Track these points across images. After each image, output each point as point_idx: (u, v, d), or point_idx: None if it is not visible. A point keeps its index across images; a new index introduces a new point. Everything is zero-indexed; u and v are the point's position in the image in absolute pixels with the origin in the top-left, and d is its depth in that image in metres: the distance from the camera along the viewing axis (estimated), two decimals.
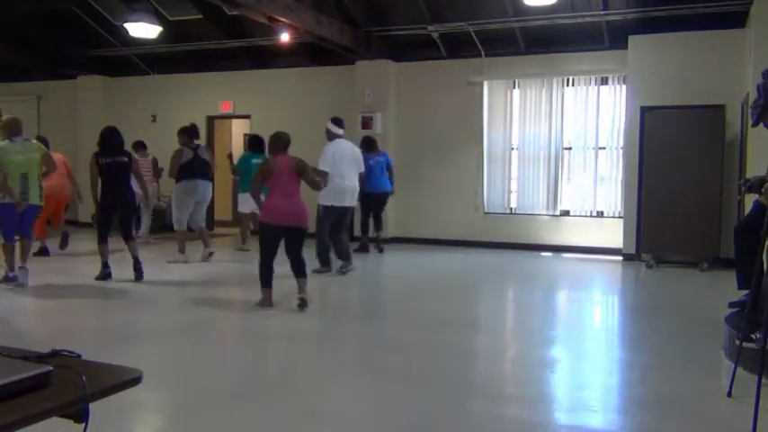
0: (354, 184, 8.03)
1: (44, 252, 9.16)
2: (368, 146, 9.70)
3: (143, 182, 8.65)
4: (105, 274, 7.38)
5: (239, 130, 13.93)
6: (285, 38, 10.15)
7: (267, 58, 12.28)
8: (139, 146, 10.81)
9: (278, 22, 9.23)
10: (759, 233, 3.90)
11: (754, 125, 4.48)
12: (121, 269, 7.52)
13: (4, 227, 6.83)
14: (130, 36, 10.58)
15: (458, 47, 10.89)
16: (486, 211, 10.99)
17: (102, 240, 7.37)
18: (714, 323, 5.09)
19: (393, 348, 5.16)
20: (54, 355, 1.60)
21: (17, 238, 6.94)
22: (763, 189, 4.31)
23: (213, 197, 10.01)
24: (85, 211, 11.94)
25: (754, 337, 4.01)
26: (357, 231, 10.24)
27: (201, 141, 10.72)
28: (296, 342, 5.26)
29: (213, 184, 9.60)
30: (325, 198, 7.72)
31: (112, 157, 7.27)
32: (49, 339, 4.70)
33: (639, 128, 9.33)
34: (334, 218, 7.90)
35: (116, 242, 7.84)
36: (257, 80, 12.46)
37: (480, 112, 10.92)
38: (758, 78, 4.41)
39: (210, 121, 13.03)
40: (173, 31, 11.55)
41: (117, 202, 7.41)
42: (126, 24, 10.16)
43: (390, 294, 7.13)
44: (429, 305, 6.96)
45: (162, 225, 12.46)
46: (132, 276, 7.38)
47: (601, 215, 10.35)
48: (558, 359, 4.94)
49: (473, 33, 10.31)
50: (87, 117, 13.31)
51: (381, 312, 6.00)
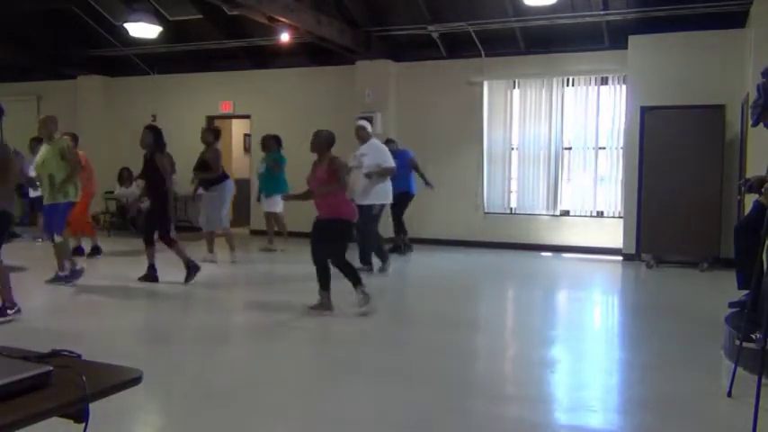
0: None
1: (96, 251, 9.25)
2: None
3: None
4: (153, 277, 7.36)
5: (239, 130, 13.94)
6: (285, 38, 10.15)
7: (267, 58, 12.28)
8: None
9: (278, 22, 9.23)
10: (759, 233, 3.90)
11: (754, 125, 4.49)
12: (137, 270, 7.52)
13: (56, 226, 6.89)
14: (130, 36, 10.58)
15: (458, 47, 10.89)
16: (486, 211, 10.99)
17: (153, 242, 7.38)
18: (714, 323, 5.09)
19: (393, 348, 5.16)
20: (54, 355, 1.60)
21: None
22: (763, 189, 4.31)
23: None
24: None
25: (754, 337, 4.01)
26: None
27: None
28: (292, 342, 5.25)
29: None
30: (380, 197, 7.95)
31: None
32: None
33: (639, 128, 9.33)
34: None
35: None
36: (257, 80, 12.46)
37: (480, 112, 10.92)
38: (758, 78, 4.42)
39: (210, 121, 13.02)
40: (173, 31, 11.55)
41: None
42: (126, 24, 10.16)
43: (390, 294, 7.12)
44: (429, 305, 6.97)
45: None
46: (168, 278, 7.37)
47: (601, 215, 10.35)
48: (558, 359, 4.94)
49: (473, 33, 10.31)
50: (87, 117, 13.32)
51: (381, 312, 5.99)
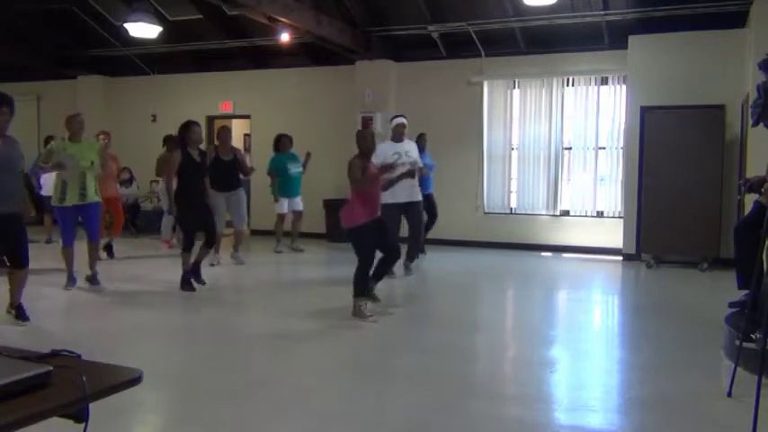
0: None
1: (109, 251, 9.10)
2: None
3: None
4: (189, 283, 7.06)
5: (239, 130, 13.93)
6: (285, 38, 10.15)
7: (267, 58, 12.28)
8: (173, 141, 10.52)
9: (278, 22, 9.24)
10: (759, 233, 3.90)
11: (755, 125, 4.48)
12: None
13: (63, 230, 6.73)
14: (130, 36, 10.58)
15: (458, 47, 10.89)
16: (486, 211, 10.99)
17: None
18: (714, 323, 5.09)
19: (393, 348, 5.16)
20: (54, 355, 1.60)
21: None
22: (763, 189, 4.31)
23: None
24: None
25: (754, 337, 4.01)
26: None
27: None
28: (294, 342, 5.25)
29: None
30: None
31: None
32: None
33: (639, 128, 9.33)
34: None
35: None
36: (257, 80, 12.46)
37: (480, 112, 10.92)
38: (758, 78, 4.41)
39: (210, 121, 13.02)
40: (173, 31, 11.55)
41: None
42: (126, 24, 10.16)
43: (390, 294, 7.12)
44: (429, 305, 6.97)
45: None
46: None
47: (601, 215, 10.35)
48: (558, 359, 4.94)
49: (473, 33, 10.31)
50: (87, 117, 13.16)
51: (379, 312, 5.99)
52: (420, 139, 9.30)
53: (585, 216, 10.41)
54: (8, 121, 5.05)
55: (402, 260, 7.92)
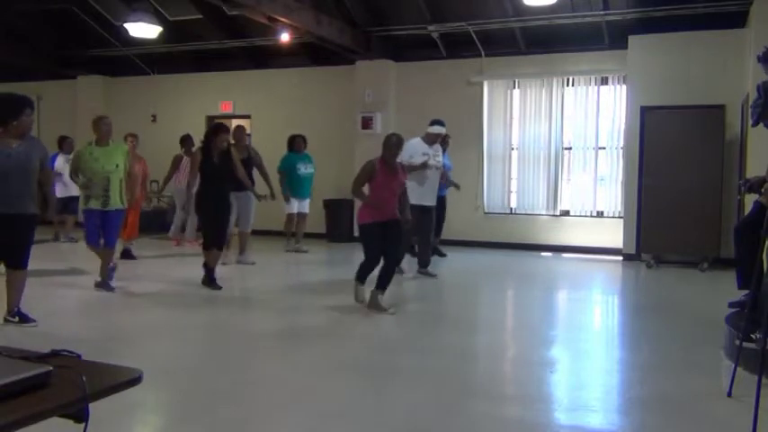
0: None
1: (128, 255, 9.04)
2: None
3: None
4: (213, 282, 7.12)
5: None
6: (285, 38, 10.15)
7: (267, 58, 12.28)
8: (190, 142, 10.36)
9: (278, 22, 9.24)
10: (759, 233, 3.90)
11: (754, 125, 4.49)
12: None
13: (87, 231, 6.64)
14: (130, 36, 10.58)
15: (458, 47, 10.89)
16: (486, 211, 11.00)
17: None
18: (714, 323, 5.09)
19: (393, 348, 5.16)
20: (54, 355, 1.60)
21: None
22: (763, 189, 4.31)
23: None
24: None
25: (754, 337, 4.01)
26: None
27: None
28: (294, 342, 5.25)
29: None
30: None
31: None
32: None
33: (639, 128, 9.34)
34: None
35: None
36: (257, 80, 12.46)
37: (480, 112, 10.92)
38: (758, 78, 4.41)
39: (210, 121, 13.01)
40: (173, 31, 11.55)
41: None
42: (126, 24, 10.16)
43: (389, 294, 7.11)
44: (428, 305, 6.97)
45: (162, 225, 12.44)
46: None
47: (601, 215, 10.35)
48: (558, 359, 4.94)
49: (473, 33, 10.31)
50: (87, 117, 13.23)
51: (379, 312, 5.99)
52: (443, 142, 9.28)
53: (585, 216, 10.41)
54: (32, 123, 5.15)
55: (417, 268, 8.00)
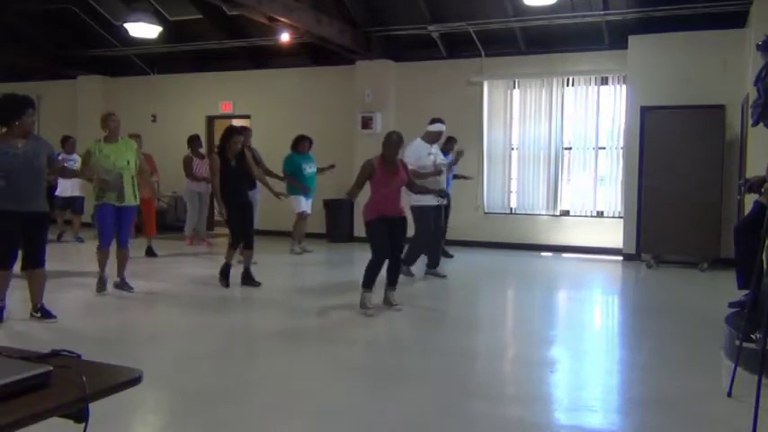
0: None
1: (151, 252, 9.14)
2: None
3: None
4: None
5: None
6: (285, 38, 10.15)
7: (267, 58, 12.29)
8: (198, 142, 10.40)
9: (278, 22, 9.24)
10: (759, 233, 3.90)
11: (754, 125, 4.49)
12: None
13: (101, 229, 6.57)
14: (130, 36, 10.58)
15: (458, 47, 10.89)
16: (486, 211, 11.00)
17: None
18: (714, 323, 5.09)
19: (393, 348, 5.16)
20: (54, 355, 1.60)
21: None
22: (763, 189, 4.31)
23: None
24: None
25: (754, 337, 4.01)
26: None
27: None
28: (294, 342, 5.26)
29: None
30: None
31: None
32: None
33: (639, 128, 9.33)
34: None
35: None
36: (257, 80, 12.46)
37: (480, 112, 10.92)
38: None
39: (210, 121, 13.03)
40: (173, 31, 11.55)
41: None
42: (126, 24, 10.16)
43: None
44: (428, 305, 6.97)
45: (163, 225, 12.44)
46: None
47: (601, 215, 10.35)
48: (558, 359, 4.94)
49: (473, 33, 10.31)
50: (87, 117, 13.30)
51: (380, 312, 5.99)
52: (449, 144, 9.26)
53: (585, 216, 10.41)
54: (33, 122, 5.22)
55: (425, 270, 7.97)
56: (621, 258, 9.65)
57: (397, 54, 11.31)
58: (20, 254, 5.33)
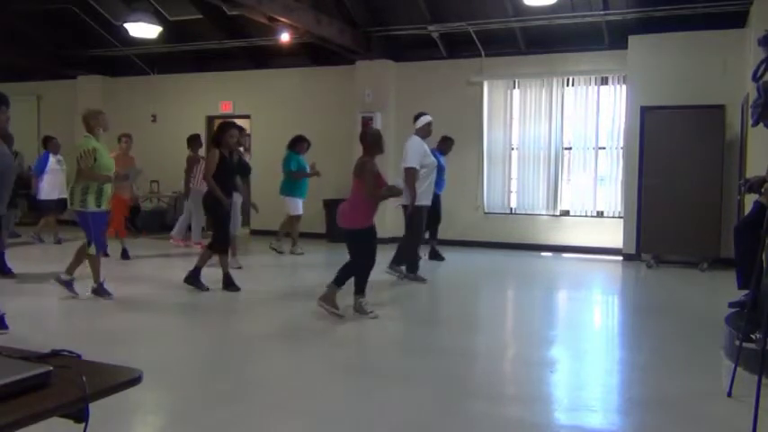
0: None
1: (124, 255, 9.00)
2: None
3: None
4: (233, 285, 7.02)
5: None
6: (285, 38, 10.16)
7: (267, 58, 12.29)
8: (198, 142, 10.29)
9: (278, 22, 9.24)
10: (759, 233, 3.90)
11: (754, 125, 4.48)
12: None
13: (98, 237, 6.31)
14: (130, 36, 10.59)
15: (458, 47, 10.90)
16: (486, 211, 11.00)
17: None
18: (714, 323, 5.09)
19: (392, 348, 5.16)
20: (54, 355, 1.60)
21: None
22: (763, 189, 4.31)
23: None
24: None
25: (754, 337, 4.01)
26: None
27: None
28: (293, 342, 5.26)
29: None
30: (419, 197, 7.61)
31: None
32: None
33: (639, 128, 9.34)
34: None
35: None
36: (257, 80, 12.47)
37: (480, 112, 10.92)
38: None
39: (210, 121, 13.03)
40: (173, 31, 11.56)
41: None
42: (126, 24, 10.17)
43: (389, 294, 7.12)
44: (428, 305, 6.97)
45: (162, 225, 12.46)
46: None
47: (601, 215, 10.35)
48: (558, 359, 4.94)
49: (473, 33, 10.31)
50: None
51: (380, 312, 5.99)
52: (445, 144, 9.25)
53: (585, 216, 10.41)
54: (8, 120, 4.92)
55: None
56: (621, 258, 9.65)
57: (397, 54, 11.31)
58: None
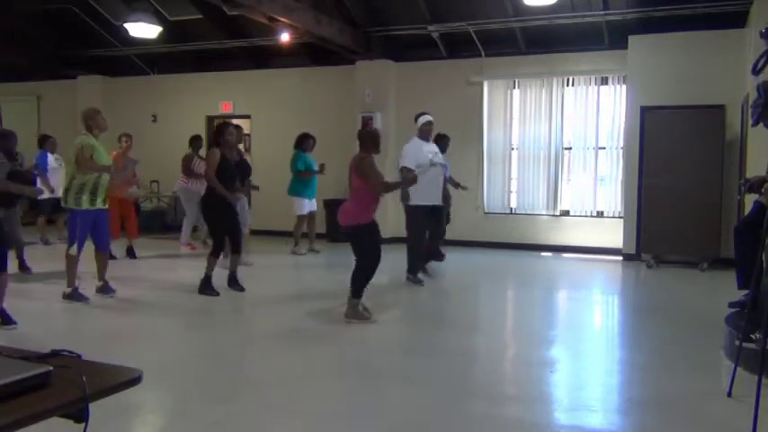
0: None
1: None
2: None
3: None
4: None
5: None
6: (285, 38, 10.15)
7: (267, 58, 12.29)
8: (199, 142, 10.22)
9: (278, 22, 9.24)
10: (759, 233, 3.90)
11: (754, 125, 4.48)
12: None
13: (80, 236, 6.23)
14: (130, 36, 10.58)
15: (458, 47, 10.89)
16: (486, 211, 11.00)
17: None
18: (714, 323, 5.09)
19: (392, 348, 5.16)
20: (54, 355, 1.60)
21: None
22: (763, 189, 4.31)
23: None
24: None
25: (754, 337, 4.01)
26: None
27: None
28: (294, 342, 5.26)
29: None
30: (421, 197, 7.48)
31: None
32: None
33: (639, 128, 9.34)
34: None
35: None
36: (257, 80, 12.46)
37: (480, 112, 10.92)
38: (759, 78, 4.41)
39: (210, 120, 13.02)
40: (173, 31, 11.55)
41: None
42: (126, 24, 10.17)
43: (389, 294, 7.12)
44: (429, 305, 6.97)
45: (162, 225, 12.47)
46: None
47: (601, 215, 10.35)
48: (558, 359, 4.94)
49: (473, 33, 10.31)
50: None
51: (380, 312, 5.99)
52: (443, 140, 9.21)
53: (585, 216, 10.41)
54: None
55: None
56: (621, 258, 9.65)
57: (397, 54, 11.31)
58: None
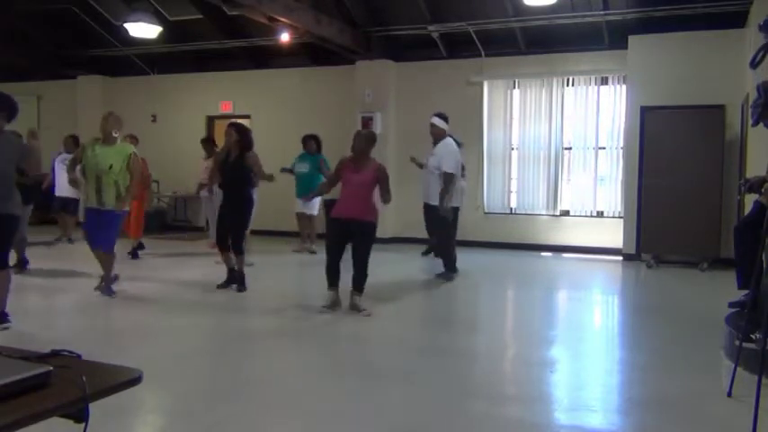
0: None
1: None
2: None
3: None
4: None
5: None
6: (285, 38, 10.16)
7: (267, 58, 12.29)
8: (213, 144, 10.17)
9: (278, 22, 9.24)
10: (759, 233, 3.89)
11: (755, 125, 4.48)
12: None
13: (86, 233, 6.33)
14: (130, 36, 10.59)
15: (458, 47, 10.89)
16: (486, 211, 10.99)
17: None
18: (714, 323, 5.09)
19: (392, 348, 5.16)
20: (54, 355, 1.60)
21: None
22: (763, 189, 4.31)
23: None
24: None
25: (754, 337, 4.01)
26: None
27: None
28: (293, 342, 5.26)
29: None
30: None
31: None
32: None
33: (639, 128, 9.34)
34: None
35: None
36: (257, 80, 12.46)
37: (480, 112, 10.92)
38: (758, 78, 4.41)
39: (210, 121, 13.03)
40: (173, 31, 11.55)
41: None
42: (126, 24, 10.17)
43: (389, 294, 7.11)
44: (429, 305, 6.97)
45: (162, 225, 12.46)
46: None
47: (601, 215, 10.35)
48: (558, 359, 4.94)
49: (473, 33, 10.31)
50: (87, 117, 13.28)
51: (380, 312, 5.99)
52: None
53: (585, 216, 10.41)
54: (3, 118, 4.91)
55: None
56: (621, 258, 9.65)
57: (397, 54, 11.31)
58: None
